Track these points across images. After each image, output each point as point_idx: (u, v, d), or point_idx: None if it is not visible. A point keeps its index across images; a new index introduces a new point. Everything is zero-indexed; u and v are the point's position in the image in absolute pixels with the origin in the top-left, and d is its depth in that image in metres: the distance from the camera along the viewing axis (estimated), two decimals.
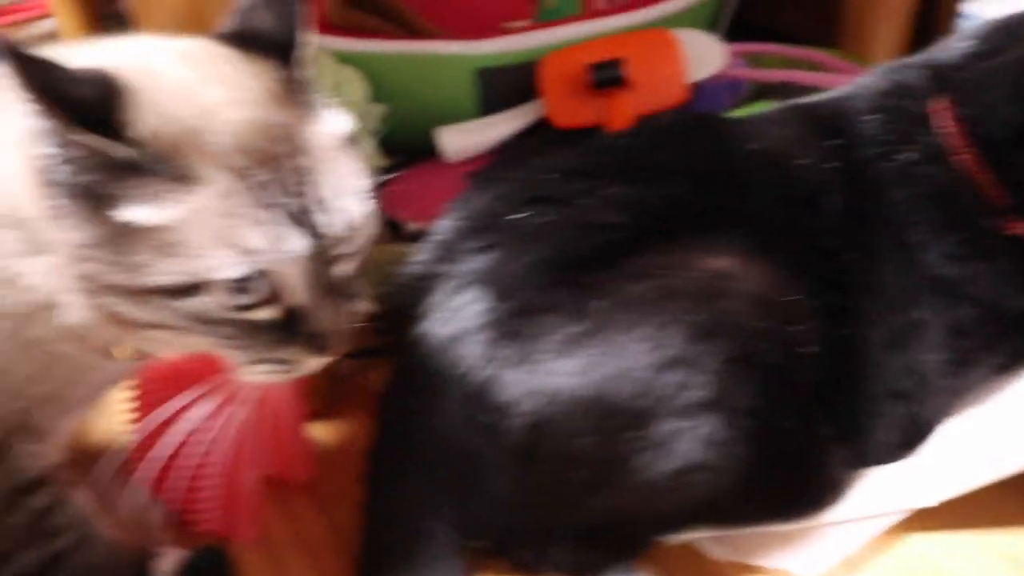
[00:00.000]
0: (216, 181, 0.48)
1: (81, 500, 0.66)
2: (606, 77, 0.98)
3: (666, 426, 0.60)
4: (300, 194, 0.50)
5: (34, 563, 0.63)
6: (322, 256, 0.51)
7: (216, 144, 0.49)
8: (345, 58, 1.06)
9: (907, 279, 0.70)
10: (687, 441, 0.60)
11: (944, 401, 0.73)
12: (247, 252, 0.48)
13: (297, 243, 0.49)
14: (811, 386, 0.64)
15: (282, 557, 0.74)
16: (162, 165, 0.47)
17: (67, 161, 0.47)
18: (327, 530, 0.76)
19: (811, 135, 0.74)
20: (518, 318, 0.62)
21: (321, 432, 0.84)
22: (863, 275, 0.70)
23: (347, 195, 0.53)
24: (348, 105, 1.03)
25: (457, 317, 0.63)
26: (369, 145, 1.08)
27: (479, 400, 0.62)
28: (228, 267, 0.48)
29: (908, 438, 0.72)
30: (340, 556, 0.74)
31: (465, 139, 1.06)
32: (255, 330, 0.52)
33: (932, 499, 0.70)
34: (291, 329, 0.53)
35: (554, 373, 0.60)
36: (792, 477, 0.67)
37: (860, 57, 1.14)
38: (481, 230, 0.67)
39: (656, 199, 0.66)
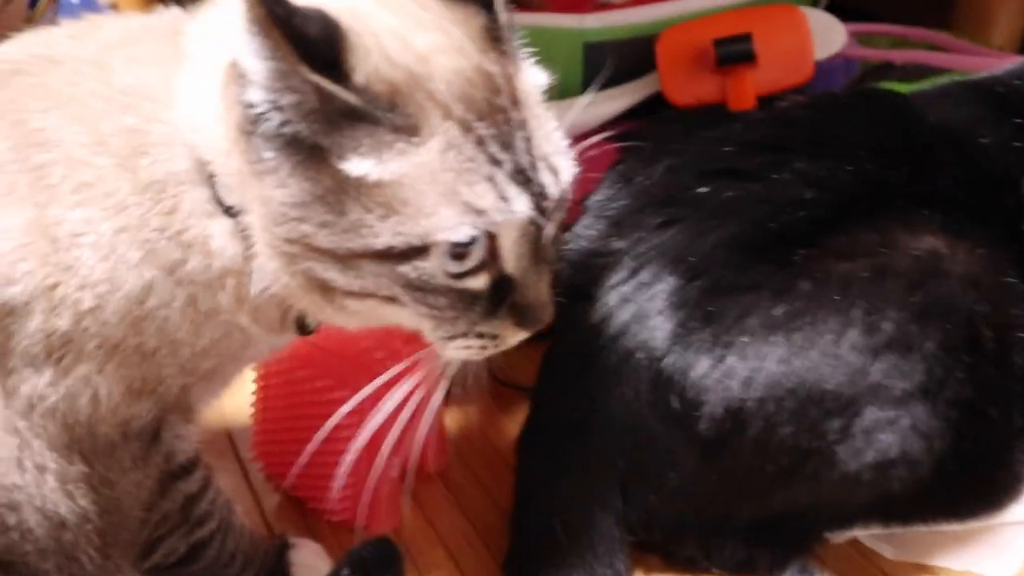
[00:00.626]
0: (441, 133, 0.44)
1: (221, 486, 0.61)
2: (733, 53, 0.93)
3: (873, 415, 0.56)
4: (521, 150, 0.46)
5: (181, 550, 0.59)
6: (539, 219, 0.47)
7: (439, 92, 0.44)
8: None
9: None
10: (892, 431, 0.56)
11: None
12: (475, 212, 0.44)
13: (522, 203, 0.45)
14: (1019, 374, 0.60)
15: (417, 548, 0.70)
16: (387, 114, 0.43)
17: (282, 108, 0.43)
18: (460, 520, 0.72)
19: (991, 113, 0.70)
20: (710, 298, 0.58)
21: (447, 419, 0.79)
22: None
23: (560, 153, 0.49)
24: None
25: (638, 297, 0.59)
26: None
27: (667, 386, 0.58)
28: (455, 228, 0.44)
29: None
30: (475, 548, 0.70)
31: (572, 116, 1.02)
32: (465, 300, 0.47)
33: None
34: (497, 300, 0.48)
35: (754, 358, 0.56)
36: (980, 472, 0.63)
37: (978, 39, 1.10)
38: (658, 205, 0.62)
39: (847, 175, 0.62)
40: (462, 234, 0.44)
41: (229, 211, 0.48)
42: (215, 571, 0.61)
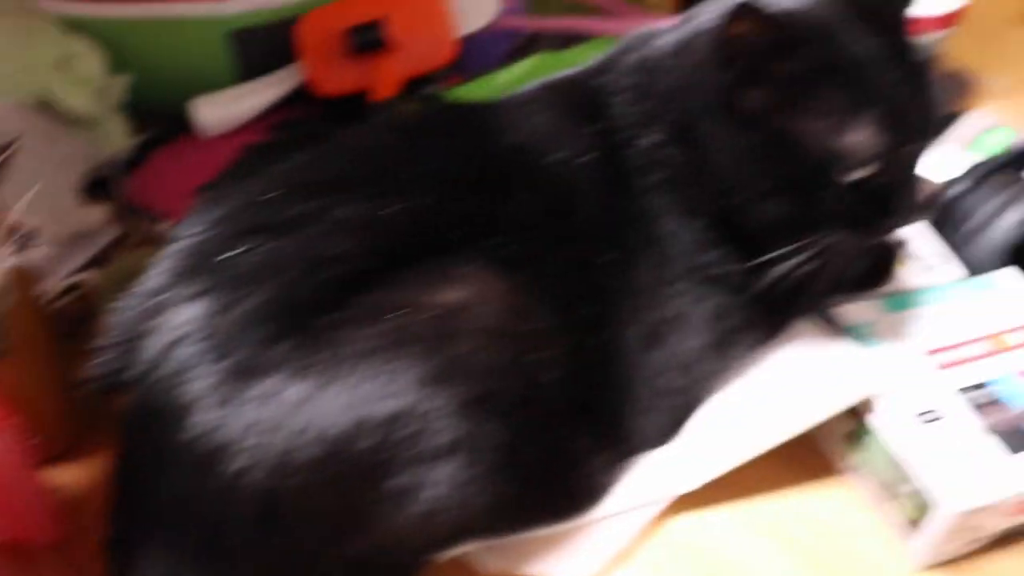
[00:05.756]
0: None
1: None
2: (366, 40, 0.90)
3: (406, 477, 0.57)
4: None
5: None
6: None
7: None
8: (74, 25, 0.93)
9: (664, 272, 0.68)
10: (430, 487, 0.57)
11: (708, 384, 0.73)
12: None
13: None
14: (563, 405, 0.63)
15: None
16: None
17: None
18: None
19: (567, 121, 0.70)
20: (237, 380, 0.56)
21: (67, 477, 0.76)
22: (620, 276, 0.67)
23: None
24: (81, 82, 0.92)
25: (173, 378, 0.57)
26: (115, 123, 0.97)
27: (209, 468, 0.56)
28: None
29: (676, 425, 0.73)
30: None
31: (222, 110, 0.96)
32: None
33: (694, 483, 0.70)
34: None
35: (283, 432, 0.55)
36: (551, 493, 0.66)
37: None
38: (190, 272, 0.59)
39: (397, 217, 0.60)
40: None
41: None
42: None
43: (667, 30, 0.71)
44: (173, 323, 0.58)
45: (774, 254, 0.65)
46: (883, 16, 0.63)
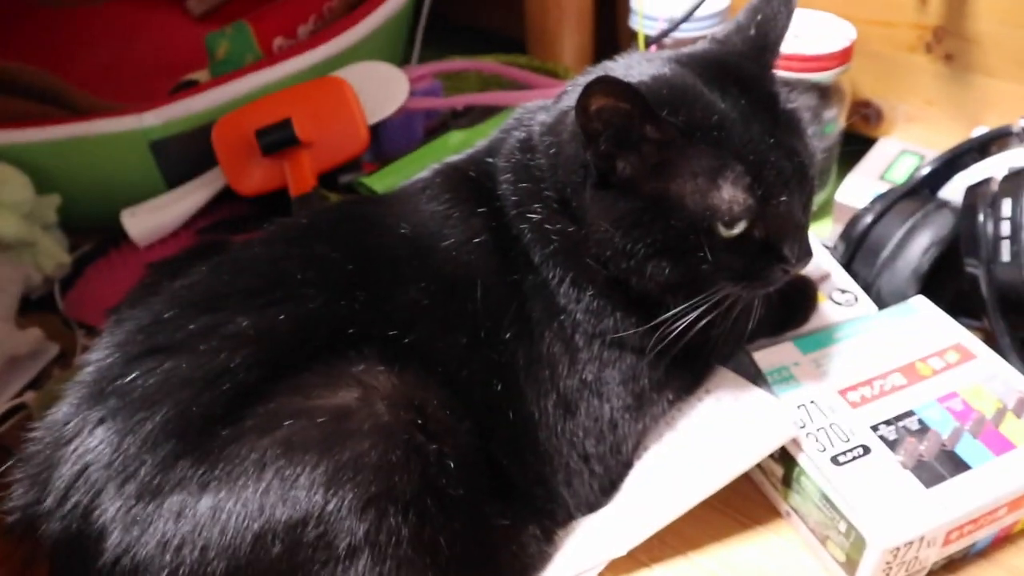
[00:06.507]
0: None
1: None
2: (275, 141, 0.92)
3: None
4: None
5: None
6: None
7: None
8: None
9: (571, 341, 0.69)
10: None
11: (631, 444, 0.74)
12: None
13: None
14: (475, 485, 0.63)
15: None
16: None
17: None
18: None
19: (459, 205, 0.71)
20: (144, 500, 0.56)
21: None
22: (528, 349, 0.68)
23: None
24: (9, 208, 0.95)
25: (85, 505, 0.57)
26: (49, 242, 0.99)
27: None
28: None
29: (608, 487, 0.73)
30: None
31: (150, 219, 0.99)
32: None
33: (631, 542, 0.70)
34: None
35: (196, 546, 0.55)
36: (482, 572, 0.66)
37: (550, 61, 1.11)
38: (93, 398, 0.60)
39: (288, 324, 0.62)
40: None
41: None
42: None
43: (546, 107, 0.72)
44: (79, 451, 0.59)
45: (669, 313, 0.66)
46: (744, 75, 0.65)
